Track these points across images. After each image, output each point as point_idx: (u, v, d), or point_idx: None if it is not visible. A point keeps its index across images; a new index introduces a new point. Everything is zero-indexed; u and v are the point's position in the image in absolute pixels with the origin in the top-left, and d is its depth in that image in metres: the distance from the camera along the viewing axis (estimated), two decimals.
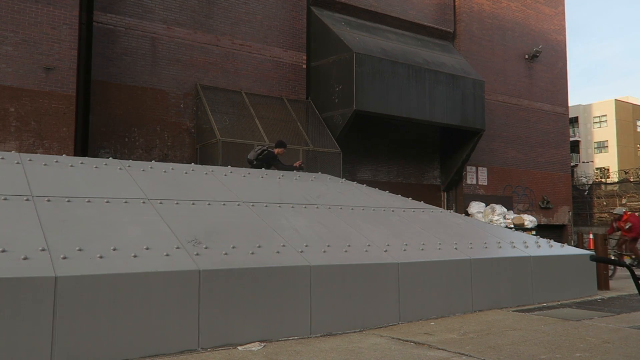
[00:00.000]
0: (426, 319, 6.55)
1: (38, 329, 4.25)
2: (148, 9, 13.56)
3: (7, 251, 4.51)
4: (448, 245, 7.47)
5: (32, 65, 11.22)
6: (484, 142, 19.48)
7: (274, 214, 6.97)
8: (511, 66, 21.11)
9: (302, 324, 5.60)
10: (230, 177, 8.06)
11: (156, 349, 4.71)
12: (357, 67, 14.81)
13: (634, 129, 49.86)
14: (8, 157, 6.71)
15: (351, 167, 16.80)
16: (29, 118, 11.13)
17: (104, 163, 7.30)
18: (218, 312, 5.09)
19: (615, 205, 29.45)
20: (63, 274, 4.43)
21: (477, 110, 17.70)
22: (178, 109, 13.83)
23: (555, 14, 23.00)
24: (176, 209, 6.29)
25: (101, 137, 12.73)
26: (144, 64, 13.41)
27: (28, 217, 5.24)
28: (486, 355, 4.81)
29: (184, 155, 13.80)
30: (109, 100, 12.89)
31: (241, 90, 14.65)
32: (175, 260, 5.12)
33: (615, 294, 8.94)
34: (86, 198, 5.94)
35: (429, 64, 16.79)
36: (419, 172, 18.86)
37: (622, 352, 4.89)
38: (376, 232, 7.29)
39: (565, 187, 22.89)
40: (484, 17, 20.43)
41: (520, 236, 8.96)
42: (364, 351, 4.98)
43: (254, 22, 15.11)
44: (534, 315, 6.86)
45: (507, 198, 20.44)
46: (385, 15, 17.69)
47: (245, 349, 5.01)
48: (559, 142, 22.63)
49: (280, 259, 5.72)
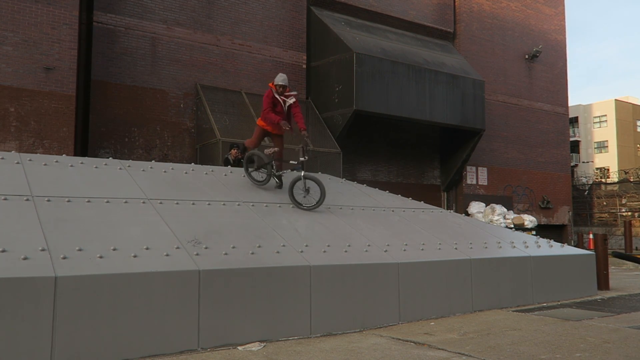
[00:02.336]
0: (426, 319, 6.55)
1: (38, 329, 4.24)
2: (148, 8, 13.57)
3: (7, 251, 4.51)
4: (448, 245, 7.47)
5: (32, 65, 11.23)
6: (484, 142, 19.49)
7: (274, 214, 6.97)
8: (511, 66, 21.12)
9: (302, 324, 5.59)
10: (230, 177, 8.06)
11: (156, 349, 4.71)
12: (357, 67, 14.81)
13: (634, 129, 49.86)
14: (8, 157, 6.71)
15: (351, 167, 16.80)
16: (29, 118, 11.14)
17: (104, 163, 7.30)
18: (218, 312, 5.09)
19: (615, 205, 29.47)
20: (63, 274, 4.43)
21: (477, 110, 17.71)
22: (178, 109, 13.83)
23: (555, 14, 23.01)
24: (176, 209, 6.29)
25: (101, 137, 12.73)
26: (144, 64, 13.41)
27: (28, 217, 5.24)
28: (486, 355, 4.81)
29: (184, 155, 13.81)
30: (109, 100, 12.89)
31: (241, 90, 14.65)
32: (175, 260, 5.12)
33: (615, 294, 8.93)
34: (86, 198, 5.94)
35: (429, 64, 16.79)
36: (419, 172, 18.86)
37: (622, 352, 4.89)
38: (376, 232, 7.29)
39: (565, 187, 22.90)
40: (484, 17, 20.44)
41: (520, 236, 8.96)
42: (364, 351, 4.98)
43: (254, 22, 15.11)
44: (534, 315, 6.86)
45: (507, 198, 20.45)
46: (386, 15, 17.70)
47: (245, 349, 5.00)
48: (559, 142, 22.64)
49: (280, 259, 5.72)
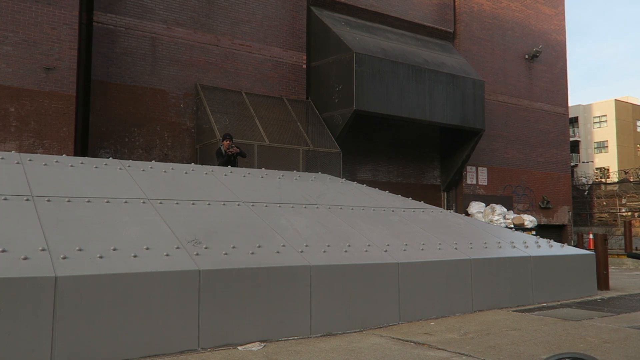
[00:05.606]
0: (426, 319, 6.55)
1: (38, 329, 4.25)
2: (148, 9, 13.56)
3: (7, 251, 4.51)
4: (448, 245, 7.47)
5: (32, 65, 11.22)
6: (484, 142, 19.48)
7: (274, 214, 6.97)
8: (511, 66, 21.11)
9: (302, 324, 5.60)
10: (230, 177, 8.06)
11: (156, 349, 4.71)
12: (357, 67, 14.81)
13: (634, 129, 49.84)
14: (8, 157, 6.71)
15: (351, 167, 16.80)
16: (29, 118, 11.13)
17: (104, 163, 7.30)
18: (218, 312, 5.09)
19: (615, 205, 29.46)
20: (63, 273, 4.43)
21: (477, 110, 17.70)
22: (178, 109, 13.83)
23: (556, 14, 23.00)
24: (176, 209, 6.29)
25: (101, 137, 12.73)
26: (144, 64, 13.41)
27: (28, 217, 5.24)
28: (486, 355, 4.81)
29: (184, 155, 13.80)
30: (109, 100, 12.89)
31: (241, 90, 14.65)
32: (175, 260, 5.12)
33: (615, 294, 8.94)
34: (86, 198, 5.94)
35: (429, 64, 16.78)
36: (419, 172, 18.86)
37: (622, 352, 4.89)
38: (376, 232, 7.29)
39: (565, 187, 22.89)
40: (484, 17, 20.43)
41: (520, 236, 8.96)
42: (364, 351, 4.98)
43: (254, 22, 15.11)
44: (534, 315, 6.86)
45: (507, 198, 20.44)
46: (386, 15, 17.69)
47: (245, 349, 5.01)
48: (559, 142, 22.63)
49: (280, 259, 5.72)
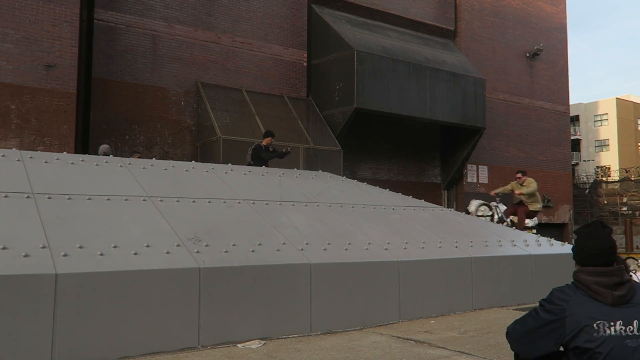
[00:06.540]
0: (426, 317, 6.55)
1: (38, 326, 4.25)
2: (149, 6, 13.55)
3: (7, 248, 4.51)
4: (448, 244, 7.47)
5: (32, 62, 11.22)
6: (484, 141, 19.46)
7: (275, 212, 6.97)
8: (512, 64, 21.08)
9: (302, 322, 5.60)
10: (230, 174, 8.06)
11: (157, 346, 4.72)
12: (358, 65, 14.79)
13: (635, 128, 49.81)
14: (9, 154, 6.71)
15: (352, 165, 16.79)
16: (30, 115, 11.13)
17: (104, 160, 7.30)
18: (218, 309, 5.09)
19: (616, 204, 29.42)
20: (63, 271, 4.43)
21: (478, 109, 17.68)
22: (179, 106, 13.82)
23: (557, 12, 22.96)
24: (177, 207, 6.29)
25: (102, 134, 12.73)
26: (144, 62, 13.40)
27: (29, 214, 5.24)
28: (486, 354, 4.81)
29: (184, 152, 13.80)
30: (110, 98, 12.89)
31: (242, 88, 14.64)
32: (175, 257, 5.12)
33: None
34: (87, 195, 5.94)
35: (430, 62, 16.76)
36: (419, 170, 18.85)
37: None
38: (376, 230, 7.29)
39: (566, 186, 22.87)
40: (485, 15, 20.40)
41: (521, 234, 8.96)
42: (364, 349, 4.98)
43: (254, 20, 15.09)
44: None
45: (507, 196, 20.40)
46: (386, 13, 17.67)
47: (246, 346, 5.01)
48: (559, 140, 22.60)
49: (280, 257, 5.72)
